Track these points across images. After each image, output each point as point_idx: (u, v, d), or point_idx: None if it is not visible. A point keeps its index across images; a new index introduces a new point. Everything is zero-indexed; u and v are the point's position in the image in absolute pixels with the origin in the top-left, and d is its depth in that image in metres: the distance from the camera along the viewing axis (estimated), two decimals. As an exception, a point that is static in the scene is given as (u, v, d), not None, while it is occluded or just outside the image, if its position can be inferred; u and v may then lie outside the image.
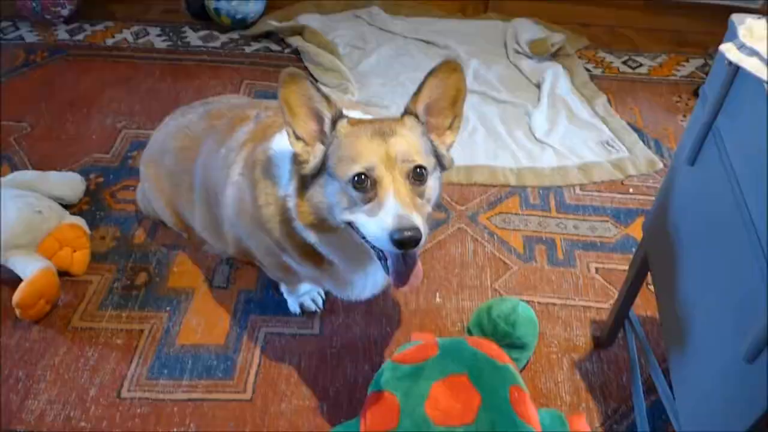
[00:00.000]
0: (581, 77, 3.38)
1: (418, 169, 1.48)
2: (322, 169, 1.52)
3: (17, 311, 2.12)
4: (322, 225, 1.59)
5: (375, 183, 1.44)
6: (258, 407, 1.99)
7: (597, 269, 2.41)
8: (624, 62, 3.55)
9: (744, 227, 1.14)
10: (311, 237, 1.64)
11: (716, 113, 1.33)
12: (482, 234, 2.54)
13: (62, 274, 2.31)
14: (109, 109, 3.12)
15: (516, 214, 2.64)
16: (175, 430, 1.93)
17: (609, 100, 3.25)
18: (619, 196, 2.73)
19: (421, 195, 1.51)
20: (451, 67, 1.51)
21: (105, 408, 1.98)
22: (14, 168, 2.74)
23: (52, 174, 2.59)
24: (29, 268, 2.18)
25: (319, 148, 1.54)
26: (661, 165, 2.87)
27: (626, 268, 2.02)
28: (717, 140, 1.33)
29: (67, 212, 2.48)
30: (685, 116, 3.18)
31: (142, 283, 2.34)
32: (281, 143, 1.65)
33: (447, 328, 2.21)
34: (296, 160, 1.57)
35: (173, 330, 2.19)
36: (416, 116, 1.57)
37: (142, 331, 2.19)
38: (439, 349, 1.86)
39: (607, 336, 2.12)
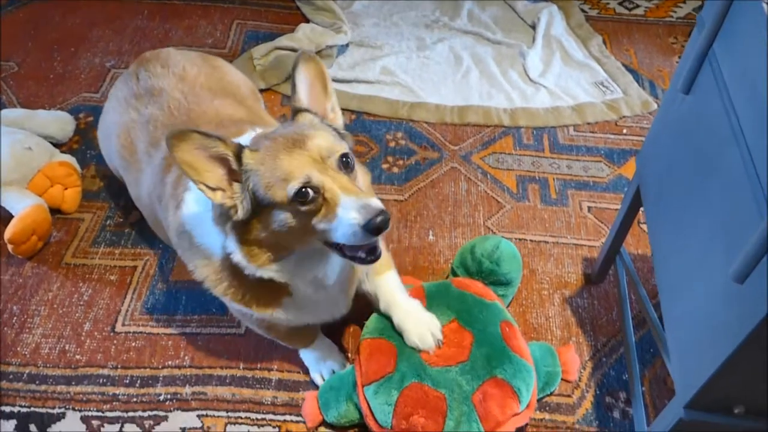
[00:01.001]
0: (576, 18, 3.33)
1: (344, 158, 1.42)
2: (256, 205, 1.41)
3: (9, 247, 2.13)
4: (278, 253, 1.48)
5: (318, 190, 1.36)
6: (251, 341, 2.01)
7: (589, 208, 2.42)
8: (620, 3, 3.49)
9: (739, 153, 1.14)
10: (268, 272, 1.51)
11: (713, 38, 1.31)
12: (476, 173, 2.53)
13: (54, 211, 2.31)
14: (97, 48, 3.07)
15: (509, 154, 2.63)
16: (170, 362, 1.96)
17: (604, 41, 3.21)
18: (613, 136, 2.72)
19: (354, 182, 1.44)
20: (305, 59, 1.49)
21: (100, 341, 2.00)
22: (2, 107, 2.70)
23: (41, 112, 2.57)
24: (20, 204, 2.17)
25: (237, 188, 1.41)
26: (655, 106, 2.85)
27: (618, 207, 2.02)
28: (713, 67, 1.31)
29: (57, 150, 2.46)
30: (680, 57, 3.14)
31: (134, 222, 2.33)
32: (191, 207, 1.56)
33: (440, 265, 2.23)
34: (222, 211, 1.45)
35: (166, 267, 2.20)
36: (308, 111, 1.51)
37: (135, 267, 2.20)
38: (426, 297, 1.87)
39: (598, 273, 2.14)
